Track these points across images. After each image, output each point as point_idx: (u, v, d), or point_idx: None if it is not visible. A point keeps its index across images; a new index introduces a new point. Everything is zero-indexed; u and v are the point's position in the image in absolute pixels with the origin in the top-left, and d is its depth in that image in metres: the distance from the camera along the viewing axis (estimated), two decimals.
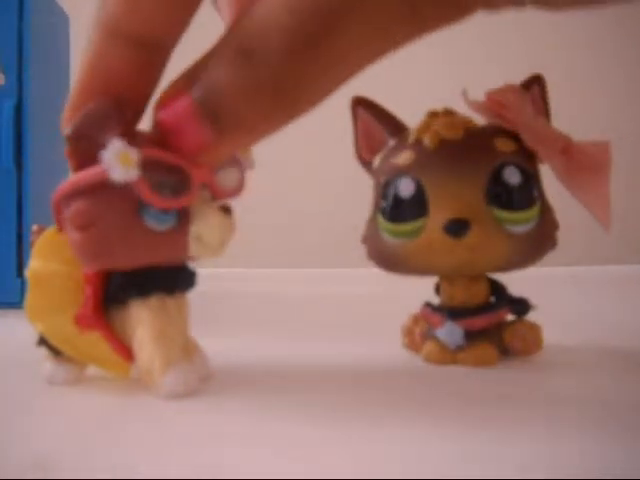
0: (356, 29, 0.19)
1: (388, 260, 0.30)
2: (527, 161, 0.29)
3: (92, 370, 0.27)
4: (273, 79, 0.19)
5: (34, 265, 0.26)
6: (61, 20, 0.57)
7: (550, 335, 0.30)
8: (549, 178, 0.29)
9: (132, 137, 0.22)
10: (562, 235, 0.30)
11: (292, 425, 0.21)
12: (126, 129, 0.22)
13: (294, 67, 0.19)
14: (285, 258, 0.84)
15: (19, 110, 0.46)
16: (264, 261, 0.80)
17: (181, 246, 0.23)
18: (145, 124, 0.23)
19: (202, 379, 0.26)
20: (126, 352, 0.25)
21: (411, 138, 0.29)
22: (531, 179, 0.29)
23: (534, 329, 0.30)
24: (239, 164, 0.25)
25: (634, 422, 0.22)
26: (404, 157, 0.29)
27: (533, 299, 0.30)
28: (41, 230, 0.26)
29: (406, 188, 0.29)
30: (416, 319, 0.31)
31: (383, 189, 0.30)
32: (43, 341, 0.26)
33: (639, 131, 0.90)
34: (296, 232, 0.87)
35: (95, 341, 0.25)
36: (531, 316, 0.30)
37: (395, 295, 0.41)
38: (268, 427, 0.21)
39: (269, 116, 0.20)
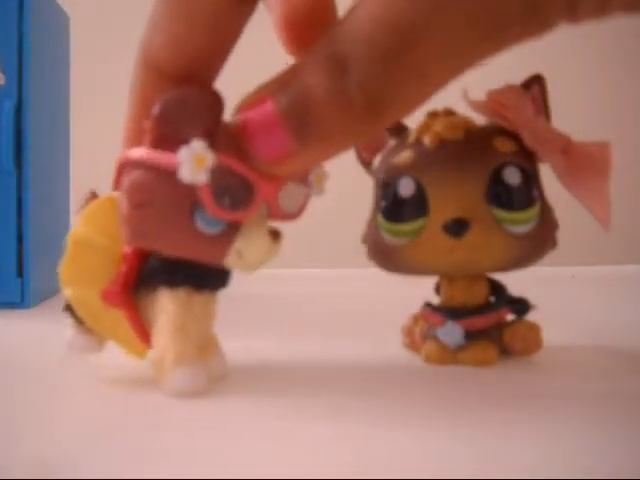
0: (435, 46, 0.19)
1: (388, 260, 0.30)
2: (527, 161, 0.29)
3: (91, 370, 0.27)
4: (365, 90, 0.19)
5: (78, 230, 0.26)
6: (61, 20, 0.57)
7: (550, 335, 0.30)
8: (549, 178, 0.29)
9: (215, 133, 0.22)
10: (562, 235, 0.30)
11: (292, 425, 0.21)
12: (212, 124, 0.22)
13: (381, 79, 0.19)
14: (285, 258, 0.83)
15: (19, 110, 0.46)
16: None
17: (220, 254, 0.23)
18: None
19: (215, 379, 0.26)
20: (145, 336, 0.25)
21: (411, 138, 0.30)
22: (531, 179, 0.29)
23: (534, 329, 0.30)
24: (307, 187, 0.24)
25: (634, 421, 0.22)
26: (404, 157, 0.29)
27: (533, 299, 0.30)
28: (94, 197, 0.26)
29: (406, 188, 0.29)
30: (416, 319, 0.31)
31: (383, 189, 0.30)
32: (69, 308, 0.26)
33: (639, 131, 0.90)
34: (296, 232, 0.87)
35: (118, 319, 0.25)
36: (531, 316, 0.30)
37: (395, 295, 0.41)
38: (268, 426, 0.21)
39: (357, 128, 0.20)
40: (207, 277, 0.25)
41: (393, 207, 0.29)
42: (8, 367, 0.30)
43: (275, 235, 0.24)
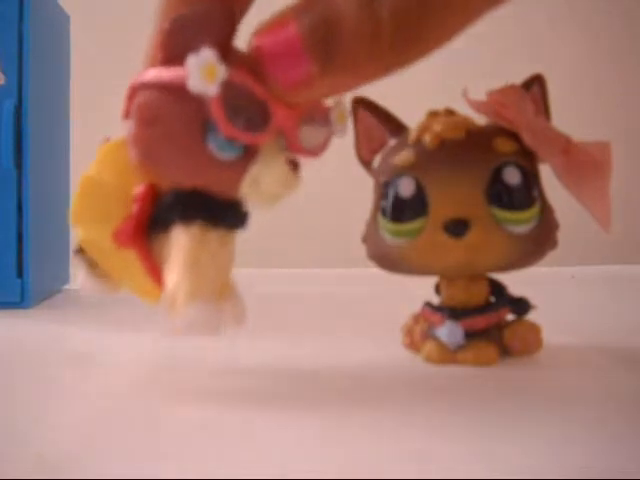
0: None
1: (388, 260, 0.30)
2: (527, 161, 0.29)
3: (91, 370, 0.27)
4: (396, 19, 0.18)
5: (89, 172, 0.25)
6: (61, 20, 0.57)
7: (550, 335, 0.30)
8: (549, 178, 0.29)
9: (227, 53, 0.21)
10: (562, 235, 0.29)
11: (292, 424, 0.21)
12: (224, 41, 0.21)
13: (413, 7, 0.18)
14: (285, 258, 0.84)
15: (19, 110, 0.46)
16: (264, 261, 0.80)
17: (233, 182, 0.22)
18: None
19: (234, 324, 0.25)
20: (158, 277, 0.23)
21: (411, 138, 0.29)
22: (531, 179, 0.29)
23: (534, 329, 0.30)
24: (329, 126, 0.23)
25: (635, 421, 0.22)
26: (404, 157, 0.29)
27: (533, 299, 0.30)
28: (107, 142, 0.26)
29: (406, 188, 0.29)
30: (416, 319, 0.31)
31: (383, 189, 0.30)
32: (80, 250, 0.25)
33: (639, 131, 0.90)
34: (296, 232, 0.87)
35: (131, 261, 0.24)
36: (531, 316, 0.30)
37: (395, 295, 0.41)
38: (267, 426, 0.21)
39: (383, 59, 0.19)
40: (222, 211, 0.23)
41: (393, 207, 0.29)
42: (8, 367, 0.30)
43: (294, 165, 0.23)
